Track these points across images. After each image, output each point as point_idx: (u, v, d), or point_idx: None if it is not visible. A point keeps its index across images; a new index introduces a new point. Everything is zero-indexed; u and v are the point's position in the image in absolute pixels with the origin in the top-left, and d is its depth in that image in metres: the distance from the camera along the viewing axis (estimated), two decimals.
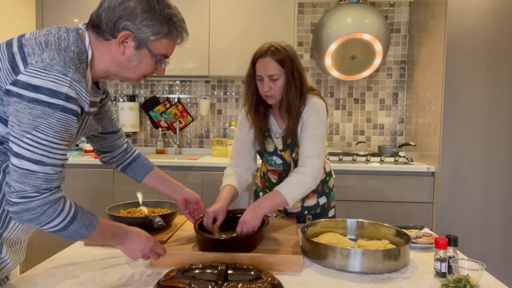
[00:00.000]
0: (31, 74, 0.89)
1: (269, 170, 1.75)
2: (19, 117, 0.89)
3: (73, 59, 0.96)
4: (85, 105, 0.97)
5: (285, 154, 1.65)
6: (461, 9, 2.62)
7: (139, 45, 1.02)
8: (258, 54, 1.52)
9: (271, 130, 1.65)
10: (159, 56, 1.07)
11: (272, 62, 1.49)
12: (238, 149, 1.67)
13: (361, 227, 1.48)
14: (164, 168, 2.84)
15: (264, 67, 1.50)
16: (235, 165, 1.66)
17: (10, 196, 0.92)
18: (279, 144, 1.64)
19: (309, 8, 3.47)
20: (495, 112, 2.65)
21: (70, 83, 0.91)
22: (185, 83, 3.57)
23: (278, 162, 1.67)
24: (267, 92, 1.52)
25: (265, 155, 1.69)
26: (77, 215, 0.98)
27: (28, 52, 0.92)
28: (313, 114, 1.54)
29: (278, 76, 1.50)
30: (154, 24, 1.01)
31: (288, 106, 1.54)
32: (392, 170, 2.82)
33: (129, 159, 1.41)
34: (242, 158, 1.66)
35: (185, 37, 1.10)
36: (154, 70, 1.10)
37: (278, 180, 1.72)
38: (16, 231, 1.05)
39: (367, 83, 3.48)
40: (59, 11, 3.13)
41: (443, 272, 1.14)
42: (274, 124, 1.65)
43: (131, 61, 1.05)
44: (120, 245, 1.11)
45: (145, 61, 1.06)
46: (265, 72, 1.50)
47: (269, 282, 0.99)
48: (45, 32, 0.98)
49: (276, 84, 1.51)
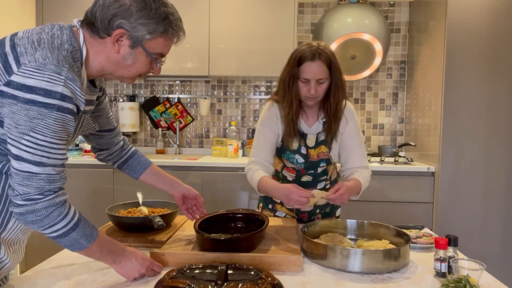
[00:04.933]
0: (24, 74, 0.88)
1: (285, 168, 1.72)
2: (15, 119, 0.88)
3: (66, 57, 0.94)
4: (80, 103, 0.96)
5: (313, 151, 1.65)
6: (461, 9, 2.62)
7: (134, 43, 1.00)
8: (304, 57, 1.50)
9: (300, 128, 1.66)
10: (155, 55, 1.04)
11: (322, 66, 1.49)
12: (263, 147, 1.66)
13: (361, 227, 1.48)
14: (164, 168, 2.82)
15: (314, 71, 1.50)
16: (259, 162, 1.64)
17: (15, 198, 0.91)
18: (312, 141, 1.64)
19: (309, 8, 3.47)
20: (495, 112, 2.65)
21: (65, 82, 0.90)
22: (185, 83, 3.57)
23: (300, 161, 1.66)
24: (313, 95, 1.53)
25: (287, 153, 1.67)
26: (80, 223, 0.98)
27: (20, 51, 0.90)
28: (353, 119, 1.68)
29: (325, 79, 1.52)
30: (150, 22, 0.99)
31: (335, 107, 1.59)
32: (392, 170, 2.82)
33: (126, 156, 1.40)
34: (266, 156, 1.66)
35: (181, 36, 1.08)
36: (149, 70, 1.08)
37: (295, 177, 1.70)
38: (15, 231, 1.05)
39: (367, 83, 3.49)
40: (59, 11, 3.13)
41: (443, 272, 1.14)
42: (302, 123, 1.66)
43: (126, 60, 1.02)
44: (115, 265, 1.08)
45: (140, 60, 1.03)
46: (314, 76, 1.50)
47: (269, 282, 0.99)
48: (38, 30, 0.96)
49: (321, 87, 1.53)
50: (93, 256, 1.04)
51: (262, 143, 1.66)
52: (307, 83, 1.52)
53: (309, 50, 1.49)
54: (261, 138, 1.67)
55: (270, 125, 1.65)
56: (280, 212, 1.77)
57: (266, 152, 1.65)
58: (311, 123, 1.66)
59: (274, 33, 3.04)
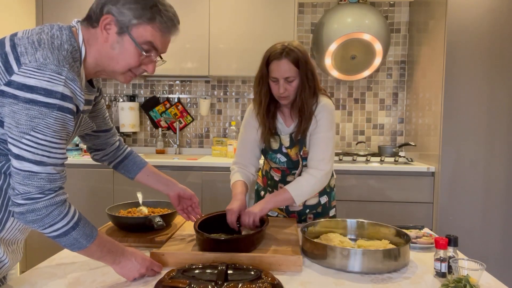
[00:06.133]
0: (25, 74, 0.88)
1: (272, 168, 1.75)
2: (16, 118, 0.88)
3: (66, 57, 0.95)
4: (80, 103, 0.96)
5: (291, 151, 1.65)
6: (461, 9, 2.62)
7: (121, 30, 0.99)
8: (272, 56, 1.51)
9: (277, 128, 1.66)
10: (143, 44, 1.01)
11: (288, 64, 1.49)
12: (244, 148, 1.69)
13: (361, 227, 1.48)
14: (164, 168, 2.85)
15: (280, 69, 1.50)
16: (240, 162, 1.68)
17: (15, 198, 0.92)
18: (286, 141, 1.65)
19: (309, 8, 3.47)
20: (495, 112, 2.65)
21: (65, 82, 0.90)
22: (185, 83, 3.57)
23: (282, 160, 1.68)
24: (283, 94, 1.53)
25: (269, 153, 1.70)
26: (80, 222, 0.98)
27: (21, 51, 0.91)
28: (325, 116, 1.58)
29: (293, 77, 1.51)
30: (136, 8, 0.98)
31: (301, 106, 1.56)
32: (392, 170, 2.82)
33: (121, 156, 1.41)
34: (248, 156, 1.68)
35: (172, 26, 1.04)
36: (139, 63, 1.04)
37: (281, 177, 1.73)
38: (13, 231, 1.05)
39: (367, 83, 3.49)
40: (59, 11, 3.13)
41: (443, 272, 1.14)
42: (280, 122, 1.66)
43: (114, 49, 1.01)
44: (115, 265, 1.08)
45: (128, 50, 1.01)
46: (281, 74, 1.50)
47: (269, 282, 0.99)
48: (37, 31, 0.96)
49: (291, 85, 1.52)
50: (93, 256, 1.04)
51: (242, 143, 1.70)
52: (276, 82, 1.53)
53: (278, 49, 1.50)
54: (241, 138, 1.71)
55: (249, 125, 1.67)
56: (271, 212, 1.80)
57: (246, 153, 1.68)
58: (289, 123, 1.66)
59: (274, 33, 3.04)
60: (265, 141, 1.66)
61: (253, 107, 1.67)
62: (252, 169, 1.68)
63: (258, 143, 1.68)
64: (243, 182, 1.59)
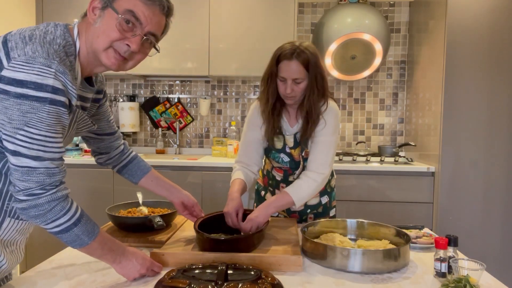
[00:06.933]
0: (14, 68, 0.87)
1: (274, 168, 1.75)
2: (9, 114, 0.87)
3: (57, 51, 0.93)
4: (72, 97, 0.95)
5: (294, 151, 1.65)
6: (461, 9, 2.62)
7: (105, 3, 0.97)
8: (283, 55, 1.50)
9: (281, 128, 1.66)
10: (124, 14, 0.96)
11: (298, 65, 1.48)
12: (247, 146, 1.68)
13: (361, 227, 1.48)
14: (164, 168, 2.85)
15: (289, 70, 1.49)
16: (243, 161, 1.67)
17: (17, 194, 0.91)
18: (290, 141, 1.64)
19: (309, 8, 3.47)
20: (495, 112, 2.65)
21: (55, 75, 0.89)
22: (185, 83, 3.57)
23: (286, 160, 1.67)
24: (289, 94, 1.52)
25: (272, 152, 1.69)
26: (82, 219, 0.98)
27: (11, 46, 0.90)
28: (330, 120, 1.58)
29: (302, 79, 1.50)
30: None
31: (309, 109, 1.55)
32: (392, 170, 2.82)
33: (126, 160, 1.40)
34: (251, 155, 1.67)
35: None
36: (120, 36, 0.98)
37: (283, 177, 1.72)
38: (10, 232, 1.04)
39: (367, 83, 3.49)
40: (59, 11, 3.13)
41: (443, 272, 1.14)
42: (285, 122, 1.66)
43: (96, 23, 0.98)
44: (115, 264, 1.07)
45: (108, 21, 0.97)
46: (290, 75, 1.49)
47: (269, 282, 0.99)
48: (32, 28, 0.96)
49: (298, 87, 1.51)
50: (94, 254, 1.04)
51: (246, 142, 1.68)
52: (284, 82, 1.52)
53: (289, 49, 1.49)
54: (244, 137, 1.70)
55: (252, 124, 1.66)
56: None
57: (249, 151, 1.67)
58: (293, 123, 1.65)
59: (274, 33, 3.05)
60: (269, 139, 1.65)
61: (258, 105, 1.66)
62: (255, 168, 1.67)
63: (262, 142, 1.67)
64: (241, 180, 1.58)
